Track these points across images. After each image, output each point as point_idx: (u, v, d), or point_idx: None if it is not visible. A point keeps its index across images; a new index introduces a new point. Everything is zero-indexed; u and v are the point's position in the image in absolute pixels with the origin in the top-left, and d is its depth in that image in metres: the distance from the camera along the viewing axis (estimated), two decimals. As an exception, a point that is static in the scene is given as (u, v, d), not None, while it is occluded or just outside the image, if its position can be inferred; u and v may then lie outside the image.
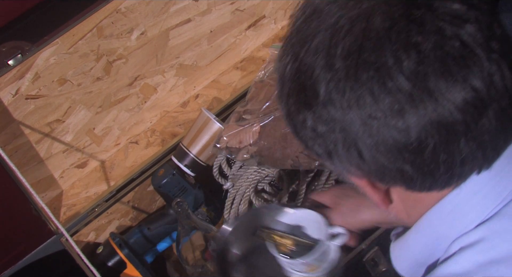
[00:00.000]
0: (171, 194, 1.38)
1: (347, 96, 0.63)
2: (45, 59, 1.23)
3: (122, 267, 1.37)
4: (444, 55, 0.61)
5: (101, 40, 1.29)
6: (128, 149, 1.49)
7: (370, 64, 0.62)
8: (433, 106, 0.62)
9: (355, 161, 0.67)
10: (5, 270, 1.51)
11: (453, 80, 0.61)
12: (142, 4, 1.31)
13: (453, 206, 0.71)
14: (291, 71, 0.68)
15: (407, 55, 0.61)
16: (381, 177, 0.68)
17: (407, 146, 0.64)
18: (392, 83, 0.61)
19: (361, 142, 0.65)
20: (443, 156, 0.64)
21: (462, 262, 0.71)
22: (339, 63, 0.63)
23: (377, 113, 0.63)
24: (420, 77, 0.61)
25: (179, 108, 1.54)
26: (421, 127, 0.62)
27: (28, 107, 1.27)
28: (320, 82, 0.65)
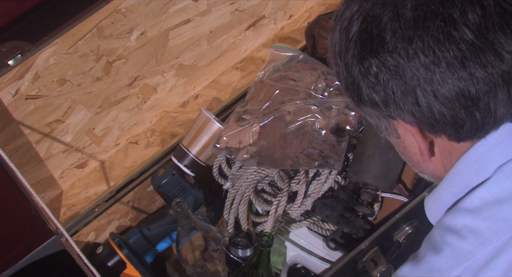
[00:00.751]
0: (170, 194, 1.38)
1: (414, 44, 0.68)
2: (45, 59, 1.23)
3: (122, 267, 1.37)
4: (503, 12, 0.67)
5: (101, 40, 1.29)
6: (128, 149, 1.49)
7: (437, 14, 0.67)
8: (493, 57, 0.67)
9: (411, 107, 0.72)
10: (5, 270, 1.51)
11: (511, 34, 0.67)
12: (142, 5, 1.31)
13: (478, 156, 0.76)
14: (357, 21, 0.73)
15: (472, 8, 0.67)
16: (433, 124, 0.73)
17: (465, 95, 0.69)
18: (456, 33, 0.67)
19: (421, 88, 0.70)
20: (495, 105, 0.70)
21: (473, 198, 0.76)
22: (408, 13, 0.68)
23: (441, 61, 0.68)
24: (482, 29, 0.67)
25: (179, 108, 1.54)
26: (480, 76, 0.67)
27: (28, 107, 1.27)
28: (388, 30, 0.69)
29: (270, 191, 1.41)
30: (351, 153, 1.36)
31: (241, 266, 1.32)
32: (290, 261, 1.37)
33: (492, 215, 0.74)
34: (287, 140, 1.32)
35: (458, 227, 0.76)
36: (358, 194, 1.36)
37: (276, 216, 1.33)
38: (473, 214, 0.76)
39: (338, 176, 1.35)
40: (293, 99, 1.35)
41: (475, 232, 0.75)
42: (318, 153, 1.30)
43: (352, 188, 1.36)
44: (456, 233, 0.76)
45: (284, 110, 1.33)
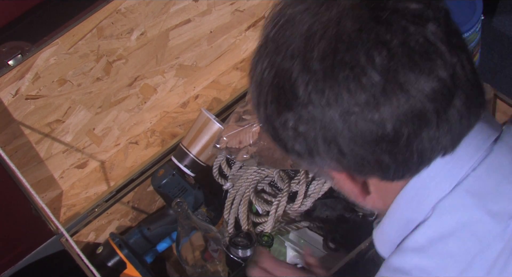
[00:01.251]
0: (171, 194, 1.38)
1: (326, 95, 0.68)
2: (45, 59, 1.23)
3: (122, 267, 1.37)
4: (411, 51, 0.67)
5: (101, 40, 1.30)
6: (128, 150, 1.50)
7: (345, 64, 0.67)
8: (405, 98, 0.67)
9: (335, 156, 0.72)
10: (5, 271, 1.51)
11: (421, 72, 0.67)
12: (142, 5, 1.31)
13: (415, 192, 0.76)
14: (268, 77, 0.72)
15: (378, 52, 0.67)
16: (360, 169, 0.73)
17: (383, 137, 0.69)
18: (366, 79, 0.67)
19: (341, 137, 0.70)
20: (417, 144, 0.70)
21: (418, 237, 0.77)
22: (316, 65, 0.68)
23: (354, 108, 0.68)
24: (391, 71, 0.67)
25: (179, 109, 1.54)
26: (395, 118, 0.68)
27: (28, 107, 1.27)
28: (299, 84, 0.69)
29: (270, 191, 1.41)
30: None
31: (242, 266, 1.32)
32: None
33: (438, 252, 0.75)
34: (287, 140, 1.32)
35: (407, 268, 0.77)
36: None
37: (276, 216, 1.33)
38: (420, 253, 0.76)
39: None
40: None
41: (425, 271, 0.75)
42: None
43: (352, 188, 1.36)
44: (407, 274, 0.77)
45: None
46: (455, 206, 0.75)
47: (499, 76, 1.96)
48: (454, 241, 0.74)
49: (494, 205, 0.74)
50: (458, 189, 0.75)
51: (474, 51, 1.89)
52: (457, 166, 0.75)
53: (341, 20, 0.68)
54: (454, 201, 0.75)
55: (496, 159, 0.75)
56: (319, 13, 0.70)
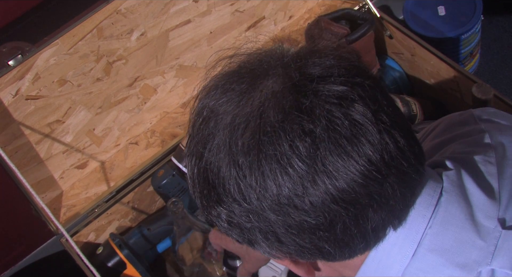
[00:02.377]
0: (171, 194, 1.38)
1: (254, 189, 0.66)
2: (45, 59, 1.23)
3: (122, 267, 1.37)
4: (336, 136, 0.65)
5: (101, 41, 1.30)
6: (128, 150, 1.50)
7: (270, 156, 0.65)
8: (334, 185, 0.65)
9: (274, 245, 0.70)
10: (5, 271, 1.51)
11: (348, 157, 0.65)
12: (142, 5, 1.31)
13: (377, 263, 0.74)
14: (198, 171, 0.71)
15: (302, 143, 0.64)
16: (302, 255, 0.71)
17: (318, 226, 0.67)
18: (293, 170, 0.65)
19: (277, 227, 0.68)
20: (354, 229, 0.67)
21: None
22: (242, 159, 0.66)
23: (284, 200, 0.66)
24: (318, 160, 0.64)
25: (179, 109, 1.54)
26: (327, 207, 0.65)
27: (28, 107, 1.27)
28: (228, 179, 0.67)
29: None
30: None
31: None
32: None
33: None
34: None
35: None
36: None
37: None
38: None
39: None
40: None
41: None
42: None
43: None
44: None
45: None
46: (423, 269, 0.73)
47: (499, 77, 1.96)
48: None
49: (459, 257, 0.72)
50: (420, 250, 0.73)
51: (474, 52, 1.89)
52: (414, 228, 0.73)
53: (263, 111, 0.66)
54: (420, 264, 0.73)
55: (447, 212, 0.74)
56: (241, 103, 0.68)
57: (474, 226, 0.73)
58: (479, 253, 0.72)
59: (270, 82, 0.68)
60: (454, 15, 1.77)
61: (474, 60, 1.92)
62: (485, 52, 1.98)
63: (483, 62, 1.97)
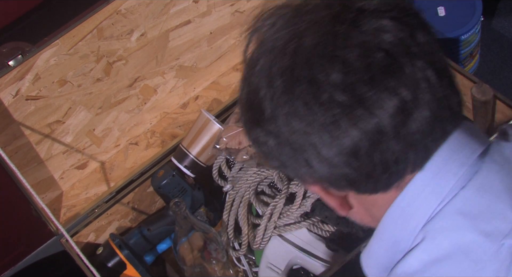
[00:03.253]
0: (170, 195, 1.38)
1: (286, 110, 0.69)
2: (45, 60, 1.23)
3: (122, 268, 1.37)
4: (369, 65, 0.66)
5: (101, 41, 1.30)
6: (128, 150, 1.50)
7: (301, 79, 0.68)
8: (362, 113, 0.66)
9: (305, 169, 0.72)
10: (5, 271, 1.51)
11: (379, 88, 0.66)
12: (142, 6, 1.31)
13: (401, 210, 0.76)
14: (243, 94, 0.75)
15: (333, 67, 0.66)
16: (331, 182, 0.73)
17: (343, 151, 0.68)
18: (323, 95, 0.67)
19: (306, 151, 0.70)
20: (377, 157, 0.69)
21: (411, 261, 0.75)
22: (277, 80, 0.69)
23: (313, 123, 0.68)
24: (348, 87, 0.66)
25: (179, 110, 1.55)
26: (353, 133, 0.67)
27: (28, 108, 1.28)
28: (265, 100, 0.71)
29: (270, 192, 1.41)
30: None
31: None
32: (290, 262, 1.37)
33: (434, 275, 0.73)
34: (287, 141, 1.32)
35: None
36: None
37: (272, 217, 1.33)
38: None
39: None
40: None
41: None
42: None
43: (352, 189, 1.36)
44: None
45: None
46: (447, 229, 0.73)
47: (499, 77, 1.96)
48: (448, 264, 0.73)
49: (486, 225, 0.72)
50: (448, 210, 0.73)
51: (474, 52, 1.89)
52: (442, 183, 0.74)
53: (302, 35, 0.69)
54: (446, 223, 0.73)
55: (486, 178, 0.74)
56: (284, 31, 0.71)
57: (510, 200, 0.74)
58: (508, 226, 0.72)
59: (313, 14, 0.70)
60: (454, 16, 1.77)
61: (474, 60, 1.93)
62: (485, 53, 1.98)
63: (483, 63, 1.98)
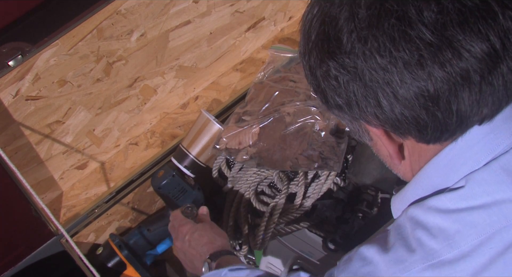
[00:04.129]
0: (170, 195, 1.38)
1: (369, 44, 0.67)
2: (45, 60, 1.23)
3: (121, 268, 1.37)
4: (462, 8, 0.65)
5: (101, 41, 1.30)
6: (128, 151, 1.50)
7: (392, 13, 0.65)
8: (451, 55, 0.65)
9: (373, 109, 0.71)
10: (5, 271, 1.51)
11: (471, 31, 0.65)
12: (142, 6, 1.31)
13: (448, 160, 0.75)
14: (316, 23, 0.72)
15: (426, 4, 0.65)
16: (397, 126, 0.72)
17: (423, 93, 0.67)
18: (412, 32, 0.65)
19: (381, 90, 0.68)
20: (457, 104, 0.68)
21: (445, 200, 0.75)
22: (362, 12, 0.67)
23: (397, 61, 0.66)
24: (439, 26, 0.65)
25: (179, 110, 1.55)
26: (438, 75, 0.66)
27: (28, 108, 1.28)
28: (344, 31, 0.68)
29: (270, 192, 1.41)
30: (350, 154, 1.36)
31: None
32: (290, 263, 1.37)
33: (462, 219, 0.74)
34: (286, 141, 1.32)
35: (430, 225, 0.76)
36: (357, 195, 1.36)
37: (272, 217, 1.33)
38: (443, 215, 0.75)
39: (337, 178, 1.35)
40: (293, 100, 1.35)
41: (445, 233, 0.74)
42: (317, 154, 1.30)
43: (352, 189, 1.36)
44: (427, 230, 0.76)
45: (284, 111, 1.34)
46: (488, 182, 0.74)
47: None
48: (480, 213, 0.73)
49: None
50: (494, 164, 0.74)
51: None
52: (497, 139, 0.73)
53: None
54: (489, 176, 0.74)
55: None
56: None
57: None
58: None
59: None
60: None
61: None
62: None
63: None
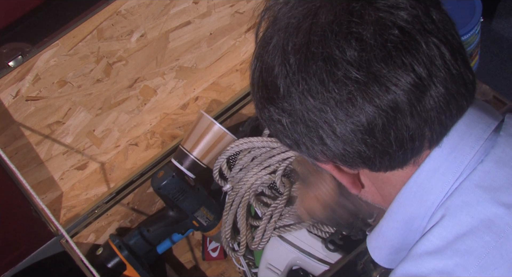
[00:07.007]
0: (170, 195, 1.38)
1: (301, 87, 0.69)
2: (46, 60, 1.23)
3: (121, 268, 1.37)
4: (384, 42, 0.67)
5: (101, 42, 1.30)
6: (128, 151, 1.50)
7: (317, 56, 0.68)
8: (378, 90, 0.67)
9: (318, 147, 0.73)
10: (5, 272, 1.51)
11: (395, 65, 0.67)
12: (142, 6, 1.32)
13: (417, 186, 0.76)
14: (257, 72, 0.75)
15: (348, 44, 0.67)
16: (344, 160, 0.74)
17: (360, 128, 0.69)
18: (339, 71, 0.67)
19: (321, 128, 0.71)
20: (393, 134, 0.70)
21: (432, 239, 0.75)
22: (292, 58, 0.70)
23: (329, 101, 0.69)
24: (364, 64, 0.67)
25: (179, 110, 1.55)
26: (369, 110, 0.68)
27: (28, 108, 1.28)
28: (279, 77, 0.71)
29: (270, 194, 1.41)
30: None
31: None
32: (289, 263, 1.37)
33: (456, 250, 0.73)
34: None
35: (426, 272, 0.74)
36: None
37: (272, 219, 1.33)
38: (436, 255, 0.74)
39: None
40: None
41: (444, 272, 0.73)
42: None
43: (352, 190, 1.36)
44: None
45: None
46: (468, 203, 0.73)
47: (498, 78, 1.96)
48: (471, 238, 0.73)
49: (508, 197, 0.73)
50: (468, 184, 0.74)
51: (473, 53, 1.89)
52: (459, 157, 0.74)
53: (317, 13, 0.69)
54: (466, 198, 0.74)
55: (504, 152, 0.74)
56: (298, 9, 0.71)
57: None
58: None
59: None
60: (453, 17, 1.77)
61: (474, 61, 1.92)
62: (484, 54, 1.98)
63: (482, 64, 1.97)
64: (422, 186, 0.75)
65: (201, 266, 1.65)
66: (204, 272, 1.66)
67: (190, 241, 1.64)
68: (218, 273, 1.65)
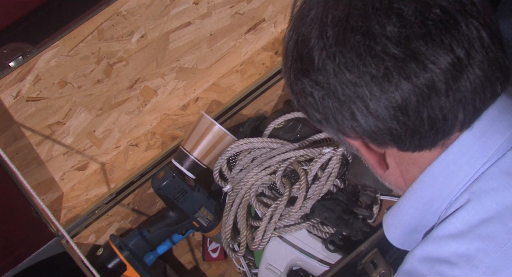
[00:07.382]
0: (171, 196, 1.39)
1: (337, 61, 0.69)
2: (46, 61, 1.24)
3: (122, 269, 1.37)
4: (425, 20, 0.67)
5: (102, 42, 1.30)
6: (128, 152, 1.50)
7: (356, 29, 0.68)
8: (415, 67, 0.67)
9: (349, 122, 0.73)
10: (6, 272, 1.51)
11: (434, 43, 0.67)
12: (143, 7, 1.32)
13: (443, 167, 0.75)
14: (292, 43, 0.75)
15: (389, 19, 0.67)
16: (374, 137, 0.73)
17: (393, 105, 0.69)
18: (377, 46, 0.67)
19: (353, 103, 0.71)
20: (426, 113, 0.69)
21: (456, 222, 0.74)
22: (330, 30, 0.69)
23: (365, 75, 0.68)
24: (403, 40, 0.67)
25: (179, 111, 1.55)
26: (404, 87, 0.68)
27: (28, 109, 1.28)
28: (315, 49, 0.71)
29: (270, 194, 1.41)
30: (350, 155, 1.36)
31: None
32: (289, 264, 1.38)
33: (479, 235, 0.72)
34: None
35: (446, 255, 0.74)
36: (357, 196, 1.36)
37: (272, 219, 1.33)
38: (458, 239, 0.73)
39: (337, 179, 1.36)
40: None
41: (465, 256, 0.73)
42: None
43: (351, 190, 1.36)
44: (445, 262, 0.74)
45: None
46: (495, 189, 0.73)
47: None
48: (495, 223, 0.72)
49: None
50: (495, 170, 0.73)
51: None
52: (489, 142, 0.74)
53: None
54: (493, 183, 0.73)
55: None
56: None
57: None
58: None
59: None
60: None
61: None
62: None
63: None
64: (448, 168, 0.75)
65: (201, 266, 1.66)
66: (205, 273, 1.66)
67: (190, 242, 1.64)
68: (218, 274, 1.65)
